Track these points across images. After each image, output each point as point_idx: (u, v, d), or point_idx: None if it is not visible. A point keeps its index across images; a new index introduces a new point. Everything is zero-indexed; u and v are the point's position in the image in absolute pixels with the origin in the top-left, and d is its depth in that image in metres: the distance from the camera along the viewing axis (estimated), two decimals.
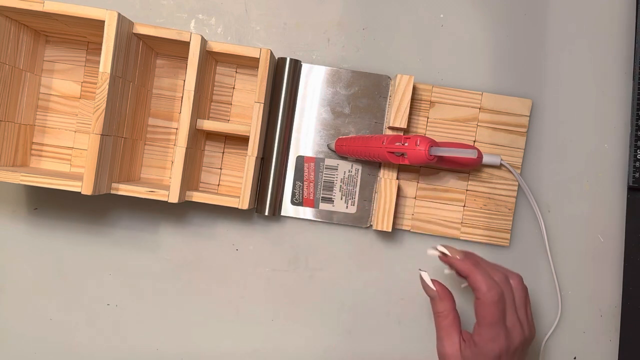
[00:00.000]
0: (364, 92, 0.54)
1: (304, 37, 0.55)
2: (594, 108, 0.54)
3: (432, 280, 0.47)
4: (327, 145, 0.54)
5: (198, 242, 0.55)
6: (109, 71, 0.45)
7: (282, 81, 0.52)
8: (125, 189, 0.48)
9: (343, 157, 0.54)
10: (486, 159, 0.52)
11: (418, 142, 0.46)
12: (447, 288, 0.47)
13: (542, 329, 0.54)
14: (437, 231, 0.54)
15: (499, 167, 0.54)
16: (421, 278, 0.47)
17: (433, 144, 0.47)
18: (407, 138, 0.47)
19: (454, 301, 0.47)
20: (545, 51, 0.55)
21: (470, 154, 0.45)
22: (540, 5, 0.55)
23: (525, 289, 0.47)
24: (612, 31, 0.55)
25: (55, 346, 0.55)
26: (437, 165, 0.52)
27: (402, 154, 0.48)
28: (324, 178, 0.54)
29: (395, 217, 0.53)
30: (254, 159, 0.49)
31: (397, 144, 0.48)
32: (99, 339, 0.55)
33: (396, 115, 0.50)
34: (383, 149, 0.48)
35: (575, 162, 0.54)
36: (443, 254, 0.47)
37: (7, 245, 0.55)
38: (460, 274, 0.47)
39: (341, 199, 0.54)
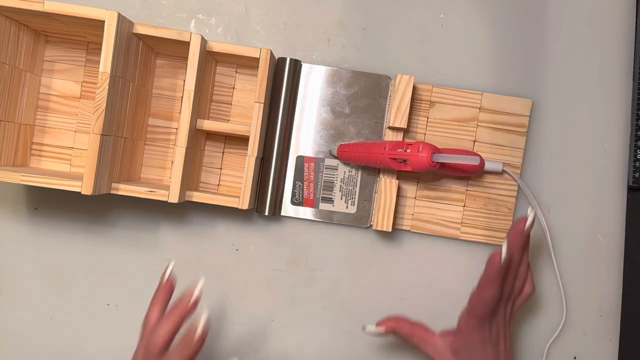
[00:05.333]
0: (364, 92, 0.54)
1: (304, 37, 0.55)
2: (594, 108, 0.54)
3: (376, 324, 0.49)
4: (329, 152, 0.54)
5: (198, 242, 0.55)
6: (109, 71, 0.45)
7: (282, 81, 0.52)
8: (125, 189, 0.48)
9: (345, 162, 0.54)
10: (488, 166, 0.52)
11: (420, 149, 0.46)
12: (394, 317, 0.49)
13: (544, 331, 0.54)
14: (437, 231, 0.54)
15: (501, 173, 0.53)
16: (369, 332, 0.49)
17: (435, 150, 0.46)
18: (409, 144, 0.47)
19: (408, 321, 0.49)
20: (545, 51, 0.54)
21: (473, 161, 0.45)
22: (540, 5, 0.55)
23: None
24: (612, 31, 0.55)
25: (55, 346, 0.55)
26: (439, 172, 0.52)
27: (405, 160, 0.47)
28: (324, 178, 0.54)
29: (395, 217, 0.53)
30: (254, 159, 0.49)
31: (400, 150, 0.47)
32: (99, 339, 0.55)
33: (396, 115, 0.50)
34: (385, 155, 0.48)
35: (575, 162, 0.54)
36: None
37: (7, 245, 0.55)
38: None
39: (341, 199, 0.54)
